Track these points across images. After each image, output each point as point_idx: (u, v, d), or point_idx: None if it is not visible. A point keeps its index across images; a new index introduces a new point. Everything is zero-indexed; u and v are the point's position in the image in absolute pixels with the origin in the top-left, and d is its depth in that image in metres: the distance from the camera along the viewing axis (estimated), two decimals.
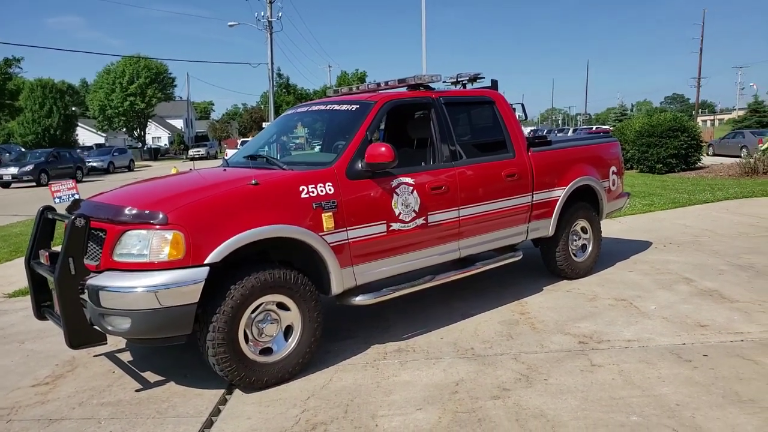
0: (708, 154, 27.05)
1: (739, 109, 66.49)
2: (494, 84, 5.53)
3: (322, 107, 4.94)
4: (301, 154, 5.60)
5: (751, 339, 4.14)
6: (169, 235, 3.35)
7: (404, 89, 4.90)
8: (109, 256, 3.47)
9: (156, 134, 67.59)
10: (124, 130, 55.98)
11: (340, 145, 4.30)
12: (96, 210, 3.80)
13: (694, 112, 61.85)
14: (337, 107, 4.68)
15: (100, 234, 3.60)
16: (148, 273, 3.35)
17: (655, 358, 3.89)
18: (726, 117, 73.26)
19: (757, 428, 2.97)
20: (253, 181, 3.71)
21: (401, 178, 4.25)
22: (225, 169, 4.57)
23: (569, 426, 3.07)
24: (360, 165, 4.04)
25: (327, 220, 3.83)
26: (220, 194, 3.69)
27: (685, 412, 3.17)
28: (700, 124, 63.19)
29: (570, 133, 35.40)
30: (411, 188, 4.29)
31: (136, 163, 39.74)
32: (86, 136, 58.79)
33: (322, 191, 3.85)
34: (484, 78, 5.54)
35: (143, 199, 3.79)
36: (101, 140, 57.20)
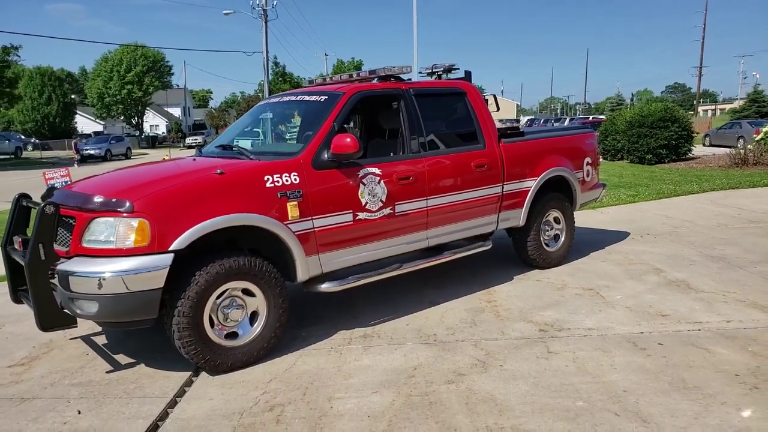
0: (704, 145, 27.09)
1: (741, 98, 66.27)
2: (467, 75, 5.60)
3: (293, 98, 5.03)
4: (269, 145, 5.69)
5: (708, 329, 4.25)
6: (134, 222, 3.47)
7: (376, 80, 4.98)
8: (79, 243, 3.59)
9: (154, 122, 67.63)
10: (122, 118, 56.01)
11: (308, 135, 4.39)
12: (67, 198, 3.92)
13: (695, 101, 61.70)
14: (307, 98, 4.76)
15: (70, 221, 3.72)
16: (115, 259, 3.47)
17: (611, 346, 4.00)
18: (728, 107, 73.01)
19: (697, 414, 3.08)
20: (219, 171, 3.81)
21: (368, 169, 4.34)
22: (195, 159, 4.67)
23: (516, 410, 3.19)
24: (326, 155, 4.13)
25: (292, 209, 3.93)
26: (185, 183, 3.80)
27: (631, 398, 3.27)
28: (701, 113, 63.10)
29: (566, 122, 35.36)
30: (378, 178, 4.38)
31: (133, 150, 39.80)
32: (85, 123, 58.93)
33: (287, 181, 3.95)
34: (458, 69, 5.62)
35: (112, 187, 3.89)
36: (100, 128, 57.29)
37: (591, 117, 40.23)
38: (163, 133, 64.50)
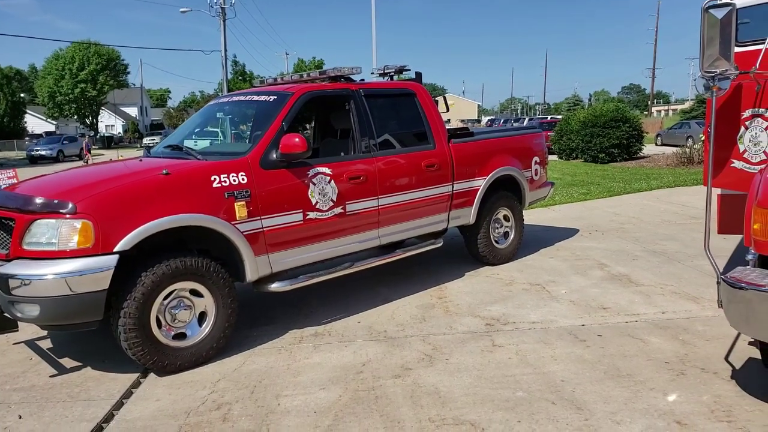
0: (656, 144, 28.08)
1: (691, 99, 68.84)
2: (418, 76, 5.70)
3: (243, 98, 5.03)
4: (217, 145, 5.67)
5: (645, 320, 4.46)
6: (77, 224, 3.43)
7: (327, 81, 5.03)
8: (19, 245, 3.53)
9: (109, 122, 65.78)
10: (76, 117, 54.23)
11: (257, 135, 4.41)
12: (6, 200, 3.85)
13: (649, 102, 63.77)
14: (256, 98, 4.77)
15: (10, 223, 3.65)
16: (58, 261, 3.43)
17: (553, 338, 4.16)
18: (679, 107, 75.81)
19: (627, 399, 3.25)
20: (164, 171, 3.80)
21: (318, 168, 4.39)
22: (142, 160, 4.63)
23: (459, 401, 3.29)
24: (275, 155, 4.16)
25: (240, 209, 3.94)
26: (130, 184, 3.77)
27: (567, 387, 3.42)
28: (655, 114, 65.24)
29: (526, 122, 36.06)
30: (328, 178, 4.43)
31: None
32: (36, 123, 56.84)
33: (234, 181, 3.96)
34: (410, 70, 5.72)
35: (54, 189, 3.84)
36: (52, 128, 55.38)
37: (549, 117, 41.12)
38: (119, 133, 62.84)
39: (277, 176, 4.18)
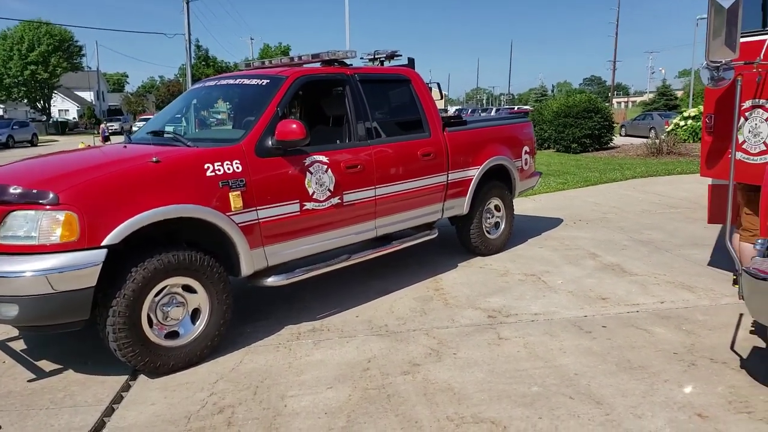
0: (621, 135, 28.63)
1: (650, 92, 70.73)
2: (411, 62, 5.52)
3: (231, 81, 4.75)
4: (208, 131, 5.38)
5: (645, 310, 4.43)
6: (60, 215, 3.14)
7: (318, 65, 4.80)
8: None
9: (63, 107, 62.96)
10: (26, 101, 51.75)
11: (249, 121, 4.16)
12: None
13: (609, 93, 65.08)
14: (247, 81, 4.51)
15: None
16: (38, 256, 3.14)
17: (558, 330, 4.08)
18: (638, 99, 77.80)
19: (644, 392, 3.19)
20: (154, 159, 3.52)
21: (315, 156, 4.18)
22: (126, 146, 4.31)
23: (474, 398, 3.17)
24: (270, 142, 3.93)
25: (235, 199, 3.71)
26: (117, 172, 3.48)
27: (582, 380, 3.34)
28: (615, 105, 66.75)
29: (493, 112, 36.25)
30: (325, 167, 4.22)
31: (40, 137, 36.92)
32: None
33: (229, 169, 3.71)
34: (401, 56, 5.53)
35: (32, 177, 3.52)
36: (0, 112, 52.81)
37: (516, 107, 41.50)
38: (74, 118, 60.32)
39: (272, 164, 3.95)
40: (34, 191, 3.23)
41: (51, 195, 3.16)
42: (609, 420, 2.93)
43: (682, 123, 19.96)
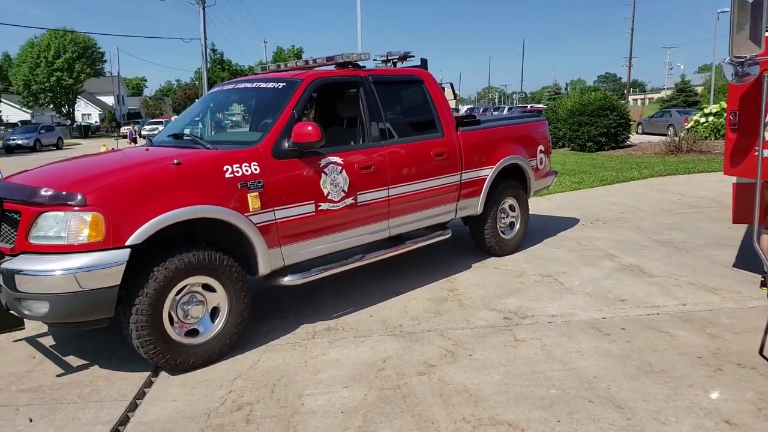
0: (637, 132, 28.27)
1: (668, 88, 69.62)
2: (424, 63, 5.57)
3: (248, 85, 4.85)
4: (226, 133, 5.49)
5: (666, 312, 4.36)
6: (88, 216, 3.26)
7: (333, 67, 4.87)
8: (25, 239, 3.36)
9: (86, 111, 64.25)
10: (51, 106, 52.88)
11: (266, 123, 4.24)
12: (10, 191, 3.65)
13: (625, 91, 64.35)
14: (263, 85, 4.60)
15: (15, 216, 3.47)
16: (67, 255, 3.27)
17: (576, 332, 4.05)
18: (655, 96, 76.63)
19: (667, 397, 3.13)
20: (176, 161, 3.62)
21: (330, 158, 4.25)
22: (148, 149, 4.43)
23: (491, 400, 3.17)
24: (287, 144, 4.00)
25: (253, 200, 3.79)
26: (141, 174, 3.59)
27: (602, 384, 3.30)
28: (631, 102, 65.92)
29: (505, 111, 36.08)
30: (340, 168, 4.29)
31: (64, 141, 37.70)
32: (11, 112, 55.38)
33: (247, 171, 3.80)
34: (414, 57, 5.57)
35: (61, 179, 3.65)
36: (27, 117, 53.98)
37: (529, 106, 41.23)
38: (96, 122, 61.45)
39: (289, 166, 4.03)
40: (64, 193, 3.35)
41: (79, 196, 3.28)
42: (631, 425, 2.89)
43: (702, 120, 19.70)
